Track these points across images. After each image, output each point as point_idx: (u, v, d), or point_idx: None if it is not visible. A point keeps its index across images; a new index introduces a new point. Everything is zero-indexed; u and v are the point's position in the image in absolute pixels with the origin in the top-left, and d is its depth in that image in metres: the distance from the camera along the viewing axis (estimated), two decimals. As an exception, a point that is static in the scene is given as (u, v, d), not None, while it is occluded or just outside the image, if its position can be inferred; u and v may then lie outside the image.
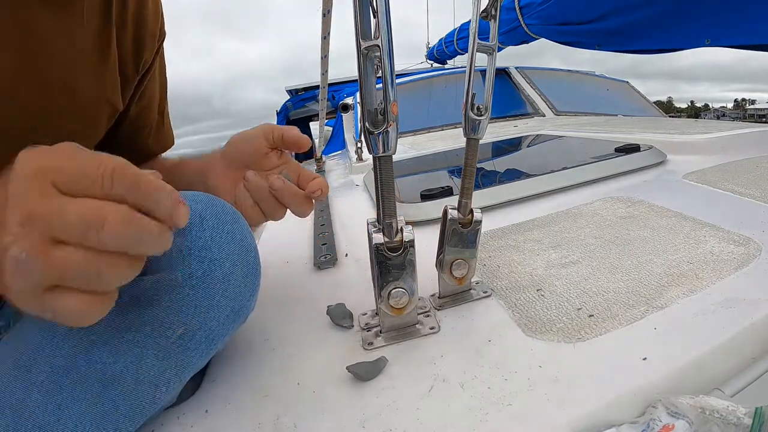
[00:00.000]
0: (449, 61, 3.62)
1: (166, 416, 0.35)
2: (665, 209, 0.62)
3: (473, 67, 0.39)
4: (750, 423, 0.26)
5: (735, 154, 0.86)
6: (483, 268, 0.53)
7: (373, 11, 0.30)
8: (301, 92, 3.64)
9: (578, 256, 0.52)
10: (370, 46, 0.31)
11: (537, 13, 1.55)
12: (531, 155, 1.21)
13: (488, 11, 0.39)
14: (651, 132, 1.11)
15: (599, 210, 0.66)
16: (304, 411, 0.35)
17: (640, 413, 0.31)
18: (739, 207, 0.60)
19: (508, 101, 2.15)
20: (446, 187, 0.77)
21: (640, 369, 0.33)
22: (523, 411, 0.31)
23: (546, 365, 0.35)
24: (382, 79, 0.32)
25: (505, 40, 1.81)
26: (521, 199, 0.76)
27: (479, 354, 0.38)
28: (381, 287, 0.39)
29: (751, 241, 0.50)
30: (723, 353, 0.34)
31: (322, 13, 0.89)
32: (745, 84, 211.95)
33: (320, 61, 1.09)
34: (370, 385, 0.36)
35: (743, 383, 0.32)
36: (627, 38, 1.19)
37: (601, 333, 0.38)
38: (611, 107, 2.22)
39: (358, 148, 1.47)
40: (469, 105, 0.40)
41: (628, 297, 0.43)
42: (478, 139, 0.42)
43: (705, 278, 0.44)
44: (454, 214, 0.43)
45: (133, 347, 0.31)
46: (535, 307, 0.43)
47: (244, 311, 0.38)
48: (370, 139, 0.34)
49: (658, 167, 0.86)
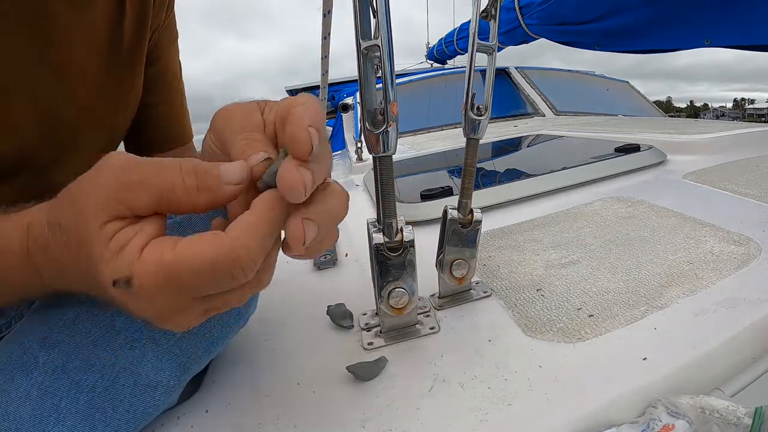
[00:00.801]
0: (449, 61, 3.62)
1: (166, 416, 0.35)
2: (665, 209, 0.62)
3: (473, 67, 0.39)
4: (750, 423, 0.26)
5: (735, 154, 0.86)
6: (483, 268, 0.53)
7: (373, 11, 0.30)
8: (301, 92, 3.64)
9: (578, 256, 0.52)
10: (370, 46, 0.31)
11: (537, 13, 1.54)
12: (531, 155, 1.21)
13: (488, 11, 0.39)
14: (651, 132, 1.11)
15: (599, 210, 0.66)
16: (304, 411, 0.35)
17: (640, 413, 0.31)
18: (739, 207, 0.60)
19: (508, 101, 2.15)
20: (446, 187, 0.77)
21: (640, 369, 0.33)
22: (523, 411, 0.31)
23: (546, 365, 0.35)
24: (382, 79, 0.32)
25: (505, 40, 1.80)
26: (521, 199, 0.76)
27: (479, 354, 0.38)
28: (381, 287, 0.39)
29: (751, 241, 0.50)
30: (723, 353, 0.34)
31: (323, 13, 0.89)
32: (744, 84, 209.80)
33: (320, 62, 1.09)
34: (370, 385, 0.36)
35: (743, 383, 0.33)
36: (626, 38, 1.19)
37: (601, 333, 0.38)
38: (611, 107, 2.23)
39: (358, 148, 1.47)
40: (469, 105, 0.40)
41: (628, 297, 0.43)
42: (478, 139, 0.42)
43: (705, 278, 0.44)
44: (454, 214, 0.43)
45: (133, 350, 0.31)
46: (535, 307, 0.43)
47: (245, 314, 0.38)
48: (370, 139, 0.34)
49: (658, 167, 0.86)
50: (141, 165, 0.21)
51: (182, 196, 0.21)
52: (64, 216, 0.23)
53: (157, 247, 0.20)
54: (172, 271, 0.20)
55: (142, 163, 0.21)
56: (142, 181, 0.21)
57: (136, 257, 0.20)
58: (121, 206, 0.21)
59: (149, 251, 0.20)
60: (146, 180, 0.21)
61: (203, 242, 0.20)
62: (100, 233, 0.20)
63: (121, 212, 0.21)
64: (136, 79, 0.51)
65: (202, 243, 0.20)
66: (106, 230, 0.20)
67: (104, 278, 0.20)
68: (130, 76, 0.50)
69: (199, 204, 0.21)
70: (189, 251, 0.20)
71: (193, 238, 0.20)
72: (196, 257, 0.20)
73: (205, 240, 0.20)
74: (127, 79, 0.50)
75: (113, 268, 0.20)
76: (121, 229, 0.20)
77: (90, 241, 0.21)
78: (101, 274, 0.20)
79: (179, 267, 0.19)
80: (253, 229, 0.21)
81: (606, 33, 1.24)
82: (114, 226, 0.20)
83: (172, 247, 0.20)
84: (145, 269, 0.20)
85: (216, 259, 0.20)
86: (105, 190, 0.21)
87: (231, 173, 0.22)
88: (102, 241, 0.20)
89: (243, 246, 0.20)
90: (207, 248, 0.20)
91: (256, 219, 0.21)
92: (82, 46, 0.41)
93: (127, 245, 0.20)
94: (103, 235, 0.20)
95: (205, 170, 0.21)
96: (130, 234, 0.20)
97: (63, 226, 0.23)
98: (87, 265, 0.21)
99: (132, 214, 0.21)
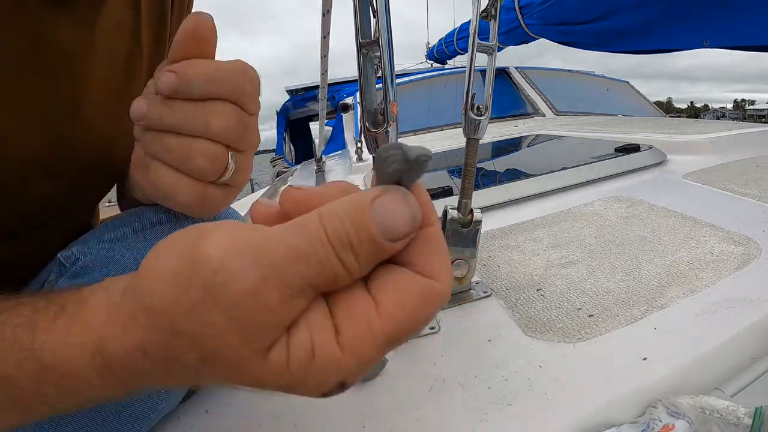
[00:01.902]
0: (449, 61, 3.62)
1: (166, 416, 0.35)
2: (665, 209, 0.62)
3: (473, 67, 0.39)
4: (750, 423, 0.26)
5: (735, 154, 0.86)
6: (483, 268, 0.53)
7: (373, 11, 0.30)
8: (301, 92, 3.64)
9: (578, 256, 0.52)
10: (370, 46, 0.31)
11: (537, 13, 1.54)
12: (531, 155, 1.21)
13: (488, 11, 0.39)
14: (651, 132, 1.11)
15: (599, 210, 0.66)
16: (304, 411, 0.35)
17: (640, 413, 0.31)
18: (739, 207, 0.60)
19: (508, 101, 2.15)
20: (446, 187, 0.77)
21: (640, 369, 0.33)
22: (523, 411, 0.31)
23: (546, 365, 0.35)
24: (382, 79, 0.32)
25: (505, 40, 1.80)
26: (521, 199, 0.76)
27: (479, 354, 0.38)
28: (381, 287, 0.39)
29: (751, 241, 0.50)
30: (723, 353, 0.34)
31: (322, 12, 0.89)
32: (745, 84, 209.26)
33: (320, 61, 1.09)
34: (370, 385, 0.36)
35: (743, 383, 0.33)
36: (626, 38, 1.19)
37: (601, 333, 0.38)
38: (611, 107, 2.23)
39: (358, 148, 1.48)
40: (469, 105, 0.40)
41: (628, 297, 0.43)
42: (478, 139, 0.42)
43: (705, 278, 0.44)
44: (454, 214, 0.43)
45: None
46: (535, 307, 0.43)
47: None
48: (370, 139, 0.34)
49: (658, 167, 0.86)
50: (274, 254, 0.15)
51: (345, 282, 0.16)
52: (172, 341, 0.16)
53: (354, 322, 0.16)
54: (391, 337, 0.15)
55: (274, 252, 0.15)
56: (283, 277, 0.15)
57: (337, 352, 0.15)
58: (300, 297, 0.15)
59: (349, 329, 0.15)
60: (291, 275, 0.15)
61: (407, 292, 0.16)
62: (264, 365, 0.15)
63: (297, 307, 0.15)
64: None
65: (407, 293, 0.16)
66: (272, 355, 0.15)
67: (302, 394, 0.16)
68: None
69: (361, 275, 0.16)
70: (399, 310, 0.16)
71: (389, 289, 0.16)
72: (403, 324, 0.16)
73: (410, 289, 0.16)
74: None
75: (315, 382, 0.15)
76: (291, 338, 0.15)
77: (245, 370, 0.16)
78: (295, 393, 0.16)
79: (395, 333, 0.15)
80: (442, 256, 0.17)
81: (606, 33, 1.24)
82: (280, 347, 0.15)
83: (371, 308, 0.16)
84: (357, 358, 0.15)
85: (430, 307, 0.16)
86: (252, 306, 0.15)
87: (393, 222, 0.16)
88: (274, 372, 0.15)
89: (446, 282, 0.16)
90: (416, 299, 0.16)
91: (434, 232, 0.17)
92: (95, 73, 0.33)
93: (315, 350, 0.15)
94: (273, 362, 0.15)
95: (362, 247, 0.16)
96: (305, 335, 0.15)
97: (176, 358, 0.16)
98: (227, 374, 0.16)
99: (306, 302, 0.16)
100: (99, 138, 0.34)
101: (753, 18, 0.89)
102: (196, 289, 0.15)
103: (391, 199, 0.16)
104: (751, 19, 0.90)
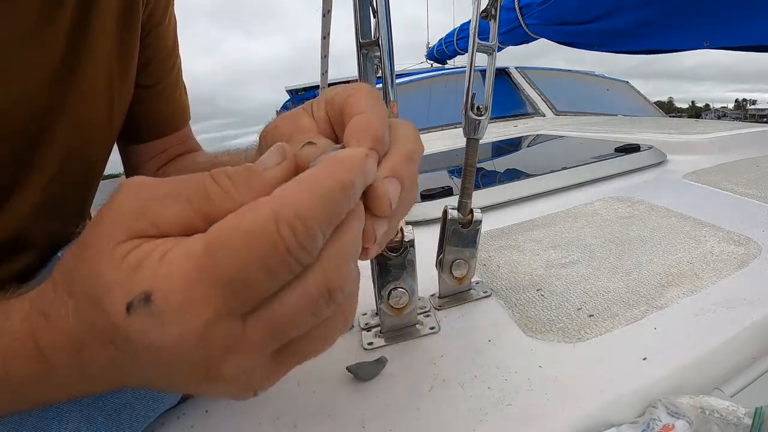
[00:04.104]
0: (449, 61, 3.62)
1: (166, 416, 0.35)
2: (665, 209, 0.62)
3: (473, 67, 0.39)
4: (750, 423, 0.26)
5: (735, 154, 0.86)
6: (483, 268, 0.53)
7: (373, 11, 0.30)
8: (301, 92, 3.65)
9: (578, 256, 0.52)
10: (370, 46, 0.31)
11: (537, 13, 1.55)
12: (531, 155, 1.21)
13: (488, 11, 0.39)
14: (651, 132, 1.11)
15: (599, 210, 0.66)
16: (304, 411, 0.35)
17: (640, 413, 0.31)
18: (739, 207, 0.60)
19: (508, 101, 2.15)
20: (446, 187, 0.77)
21: (640, 369, 0.33)
22: (523, 411, 0.31)
23: (546, 365, 0.35)
24: (382, 79, 0.32)
25: (505, 40, 1.81)
26: (521, 199, 0.76)
27: (479, 354, 0.38)
28: (381, 287, 0.39)
29: (751, 241, 0.50)
30: (723, 353, 0.34)
31: (322, 13, 0.89)
32: (746, 84, 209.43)
33: (320, 61, 1.09)
34: (370, 385, 0.36)
35: (743, 383, 0.33)
36: (626, 39, 1.19)
37: (601, 333, 0.38)
38: (611, 107, 2.23)
39: (358, 148, 1.47)
40: (469, 105, 0.40)
41: (628, 297, 0.43)
42: (478, 139, 0.42)
43: (705, 278, 0.44)
44: (454, 214, 0.43)
45: None
46: (535, 307, 0.43)
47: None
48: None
49: (658, 167, 0.86)
50: (166, 180, 0.17)
51: (220, 200, 0.16)
52: (68, 263, 0.17)
53: (184, 243, 0.15)
54: (204, 260, 0.14)
55: (166, 180, 0.17)
56: (168, 192, 0.16)
57: (158, 266, 0.15)
58: (143, 221, 0.16)
59: (174, 251, 0.15)
60: (174, 191, 0.16)
61: (240, 212, 0.15)
62: (111, 255, 0.15)
63: (142, 229, 0.16)
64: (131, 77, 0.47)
65: (239, 213, 0.15)
66: (119, 250, 0.15)
67: (114, 309, 0.14)
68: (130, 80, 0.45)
69: (243, 202, 0.16)
70: (223, 225, 0.15)
71: (232, 214, 0.15)
72: (232, 229, 0.14)
73: (244, 209, 0.15)
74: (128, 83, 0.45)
75: (126, 288, 0.15)
76: (137, 247, 0.15)
77: (97, 273, 0.15)
78: (110, 305, 0.15)
79: (212, 251, 0.14)
80: (309, 183, 0.15)
81: (606, 33, 1.24)
82: (130, 245, 0.15)
83: (202, 235, 0.15)
84: (168, 270, 0.14)
85: (255, 227, 0.14)
86: (123, 207, 0.16)
87: (268, 158, 0.17)
88: (113, 263, 0.15)
89: (293, 203, 0.15)
90: (246, 217, 0.15)
91: (314, 172, 0.16)
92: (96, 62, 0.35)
93: (145, 259, 0.15)
94: (116, 255, 0.15)
95: (236, 169, 0.17)
96: (150, 247, 0.15)
97: (67, 272, 0.17)
98: (93, 319, 0.16)
99: (158, 232, 0.16)
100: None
101: (753, 18, 0.89)
102: (108, 199, 0.17)
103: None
104: (751, 19, 0.90)
